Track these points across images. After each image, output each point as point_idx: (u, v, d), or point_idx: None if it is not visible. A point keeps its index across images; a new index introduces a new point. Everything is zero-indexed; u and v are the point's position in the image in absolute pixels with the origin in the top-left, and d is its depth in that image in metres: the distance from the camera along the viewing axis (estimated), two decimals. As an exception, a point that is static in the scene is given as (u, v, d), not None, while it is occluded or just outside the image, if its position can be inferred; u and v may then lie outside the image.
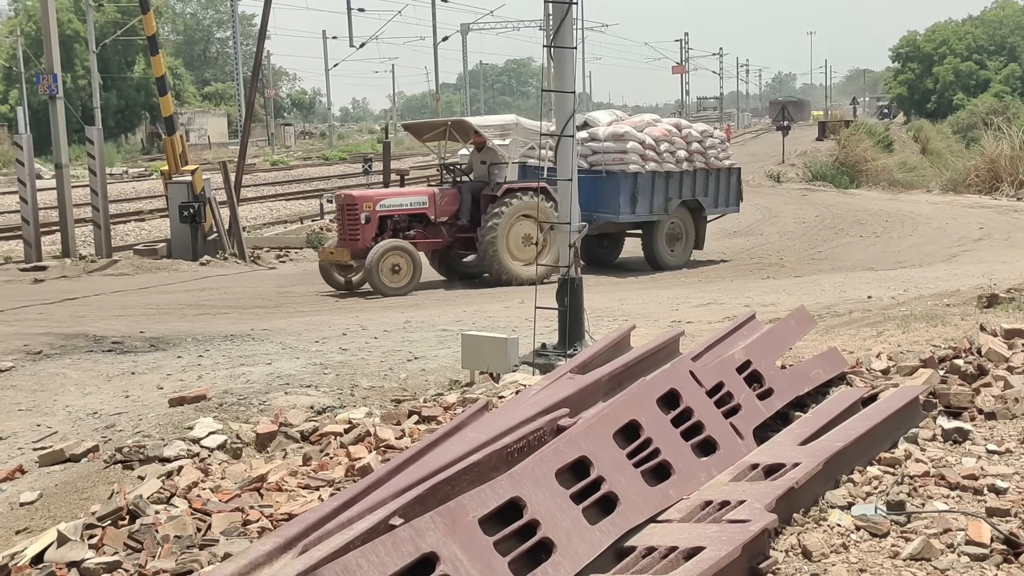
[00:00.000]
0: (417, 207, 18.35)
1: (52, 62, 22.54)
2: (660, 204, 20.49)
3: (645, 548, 4.27)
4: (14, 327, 13.73)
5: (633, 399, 5.27)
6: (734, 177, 22.21)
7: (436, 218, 18.41)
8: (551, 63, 9.96)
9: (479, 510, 4.01)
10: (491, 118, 21.41)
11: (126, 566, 5.21)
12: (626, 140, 20.30)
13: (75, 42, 66.87)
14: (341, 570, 3.51)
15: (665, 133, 20.87)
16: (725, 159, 21.90)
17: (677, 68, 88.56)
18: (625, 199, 20.12)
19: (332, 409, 8.25)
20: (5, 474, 7.62)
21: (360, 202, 18.11)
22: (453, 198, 18.65)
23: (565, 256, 9.81)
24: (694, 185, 21.13)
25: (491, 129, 19.06)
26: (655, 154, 20.40)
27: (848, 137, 50.86)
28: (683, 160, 20.86)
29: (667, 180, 20.58)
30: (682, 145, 21.00)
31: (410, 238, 18.06)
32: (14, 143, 26.55)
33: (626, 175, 20.00)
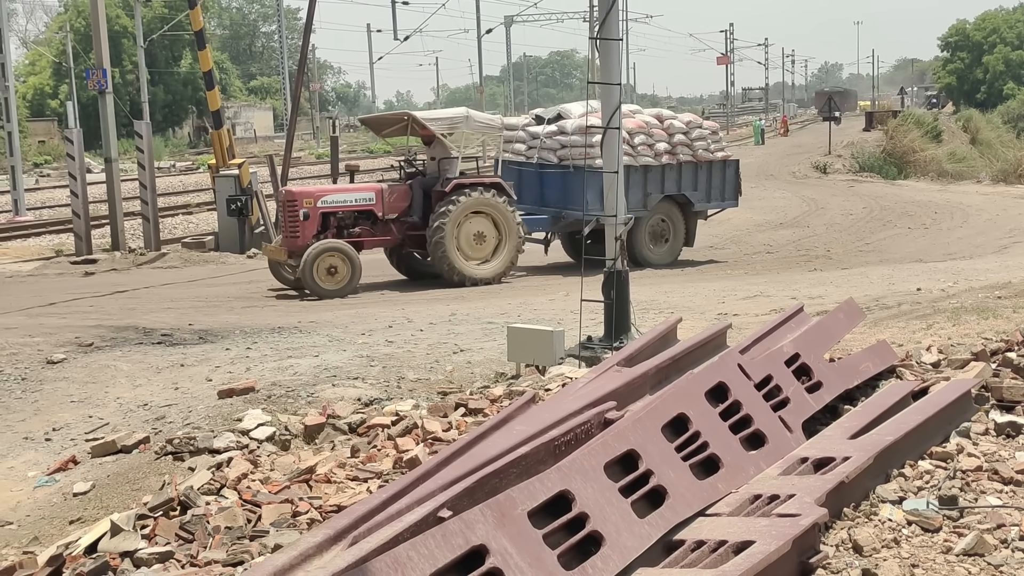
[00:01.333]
0: (363, 204, 17.54)
1: (101, 57, 22.79)
2: (637, 200, 19.20)
3: (694, 542, 4.26)
4: (66, 320, 13.92)
5: (681, 392, 5.25)
6: (731, 170, 21.07)
7: (384, 215, 17.59)
8: (597, 55, 9.93)
9: (528, 503, 4.01)
10: (440, 112, 20.49)
11: (178, 556, 5.27)
12: (592, 133, 18.85)
13: (123, 37, 67.55)
14: (392, 562, 3.52)
15: (641, 125, 19.80)
16: (718, 151, 20.78)
17: (722, 59, 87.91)
18: (593, 195, 18.75)
19: (379, 401, 8.29)
20: (58, 465, 7.74)
21: (300, 198, 17.36)
22: (403, 194, 17.81)
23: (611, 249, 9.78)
24: (679, 179, 20.09)
25: (438, 123, 18.16)
26: (628, 147, 19.23)
27: (896, 127, 50.30)
28: (663, 153, 19.78)
29: (645, 175, 19.58)
30: (662, 137, 19.91)
31: (355, 236, 17.35)
32: (64, 138, 26.91)
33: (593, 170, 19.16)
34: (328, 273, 16.56)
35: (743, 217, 27.66)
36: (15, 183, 29.44)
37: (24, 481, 7.68)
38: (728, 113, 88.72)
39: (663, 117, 20.49)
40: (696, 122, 20.91)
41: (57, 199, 35.17)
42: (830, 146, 49.95)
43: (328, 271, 16.56)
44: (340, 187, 19.02)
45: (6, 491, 7.52)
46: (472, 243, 17.58)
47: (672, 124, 20.22)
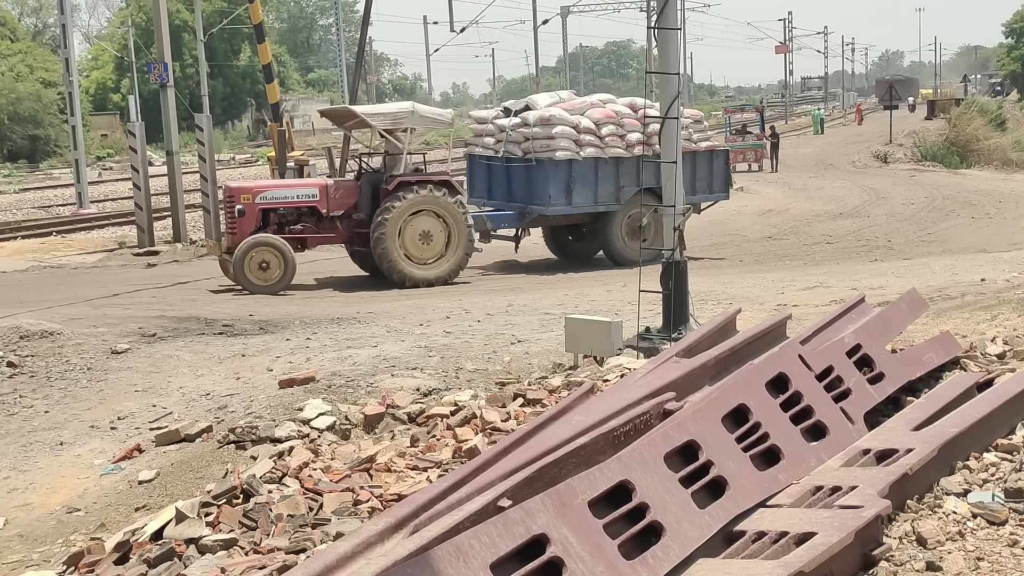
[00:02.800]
0: (306, 200, 17.05)
1: (163, 52, 23.07)
2: (608, 194, 18.65)
3: (755, 533, 4.24)
4: (129, 310, 14.13)
5: (741, 383, 5.22)
6: (719, 161, 20.08)
7: (329, 212, 17.06)
8: (655, 45, 9.89)
9: (588, 493, 4.02)
10: (384, 106, 19.84)
11: (241, 543, 5.34)
12: (553, 124, 18.38)
13: (183, 32, 68.31)
14: (454, 550, 3.55)
15: (610, 115, 18.88)
16: (702, 141, 19.91)
17: (780, 48, 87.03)
18: (557, 189, 18.32)
19: (438, 391, 8.34)
20: (124, 453, 7.88)
21: (237, 194, 16.98)
22: (350, 191, 17.29)
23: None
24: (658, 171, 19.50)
25: (381, 117, 17.48)
26: (595, 138, 18.52)
27: (959, 116, 49.60)
28: (637, 144, 18.81)
29: (616, 167, 18.68)
30: (635, 127, 18.96)
31: (297, 232, 16.96)
32: (127, 131, 27.29)
33: (555, 163, 18.24)
34: (260, 268, 16.21)
35: (802, 207, 27.45)
36: (79, 176, 29.93)
37: (91, 469, 7.83)
38: (787, 103, 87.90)
39: (637, 107, 19.37)
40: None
41: (120, 192, 35.71)
42: (891, 135, 49.31)
43: (260, 266, 16.19)
44: (282, 183, 18.61)
45: (74, 478, 7.67)
46: (418, 243, 16.84)
47: (648, 114, 18.62)
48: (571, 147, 18.33)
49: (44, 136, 62.18)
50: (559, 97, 20.09)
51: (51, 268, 20.46)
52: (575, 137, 18.36)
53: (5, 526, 6.98)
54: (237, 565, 5.01)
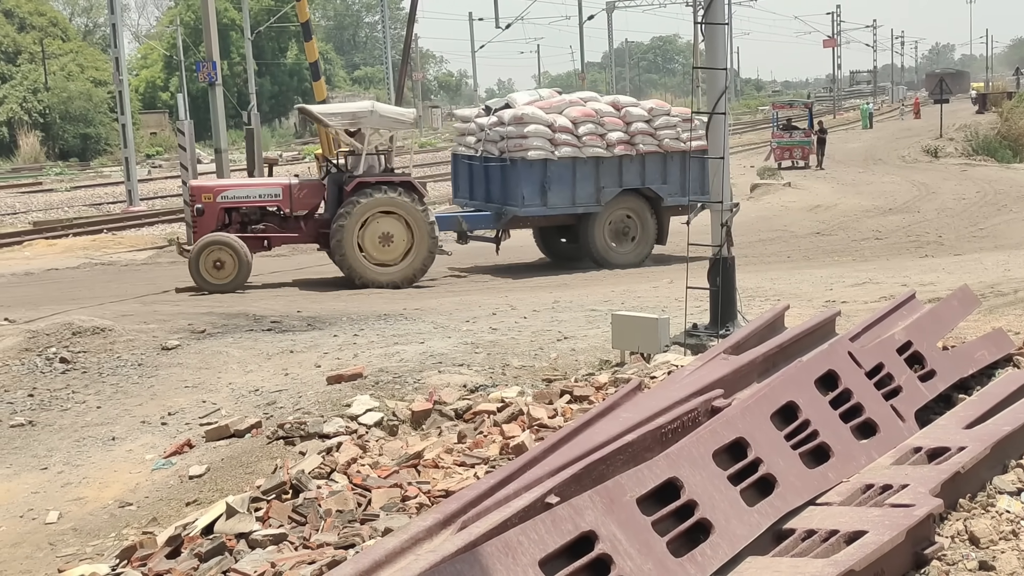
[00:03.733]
0: (268, 199, 16.80)
1: (211, 51, 23.28)
2: (588, 195, 18.04)
3: (804, 531, 4.22)
4: (179, 307, 14.28)
5: (790, 380, 5.19)
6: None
7: (293, 211, 16.79)
8: (702, 39, 9.84)
9: (637, 490, 4.01)
10: (343, 105, 19.46)
11: (291, 538, 5.39)
12: (526, 123, 17.78)
13: (231, 30, 68.87)
14: (503, 546, 3.56)
15: (588, 114, 18.23)
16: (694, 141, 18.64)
17: (828, 42, 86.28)
18: (531, 190, 17.75)
19: (485, 388, 8.36)
20: (174, 448, 7.98)
21: (198, 193, 16.92)
22: (315, 190, 16.98)
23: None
24: (643, 172, 18.43)
25: (339, 117, 17.24)
26: (572, 137, 17.91)
27: (1011, 109, 48.93)
28: (618, 144, 18.17)
29: (596, 167, 18.07)
30: (617, 126, 18.30)
31: (259, 232, 16.77)
32: (176, 129, 27.57)
33: (528, 163, 17.65)
34: (215, 267, 16.02)
35: (851, 203, 27.20)
36: (129, 174, 30.28)
37: (142, 464, 7.93)
38: (835, 97, 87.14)
39: (620, 105, 18.86)
40: (661, 109, 19.10)
41: (169, 189, 36.09)
42: (941, 129, 48.72)
43: (215, 265, 16.00)
44: (244, 182, 18.38)
45: (125, 473, 7.78)
46: (378, 244, 16.53)
47: (630, 112, 18.58)
48: (545, 146, 17.75)
49: (95, 135, 63.02)
50: (539, 95, 19.48)
51: (102, 265, 20.73)
52: (549, 136, 17.79)
53: (59, 520, 7.10)
54: (287, 560, 5.06)
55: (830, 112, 76.99)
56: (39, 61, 64.49)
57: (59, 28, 71.60)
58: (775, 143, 37.79)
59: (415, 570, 3.61)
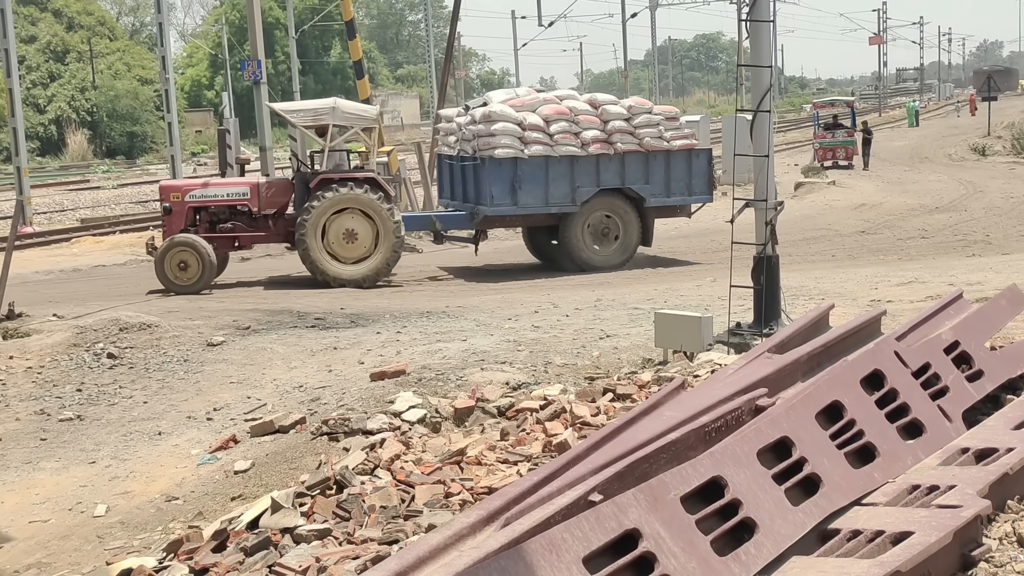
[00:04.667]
0: (236, 198, 16.74)
1: (257, 49, 23.46)
2: (563, 194, 17.49)
3: (850, 531, 4.19)
4: (224, 303, 14.41)
5: (835, 379, 5.15)
6: (699, 161, 18.39)
7: (260, 210, 16.74)
8: (746, 37, 9.80)
9: (680, 488, 4.00)
10: (305, 103, 19.29)
11: (335, 534, 5.43)
12: (493, 121, 17.32)
13: (275, 29, 69.31)
14: (547, 543, 3.56)
15: (562, 111, 17.63)
16: (676, 140, 18.19)
17: (874, 39, 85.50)
18: (501, 189, 17.23)
19: (527, 385, 8.37)
20: (220, 443, 8.05)
21: (166, 192, 16.91)
22: (282, 189, 16.97)
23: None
24: (622, 171, 17.82)
25: (301, 114, 17.32)
26: (543, 136, 17.35)
27: (1060, 107, 48.14)
28: (594, 142, 17.58)
29: (571, 166, 17.49)
30: (593, 125, 17.68)
31: (228, 231, 16.70)
32: (219, 131, 27.77)
33: (497, 161, 17.20)
34: (179, 268, 15.93)
35: (896, 201, 26.94)
36: (175, 172, 30.49)
37: (188, 458, 8.01)
38: (880, 95, 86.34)
39: (597, 102, 18.15)
40: (641, 107, 18.32)
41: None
42: (989, 127, 48.13)
43: (179, 266, 15.91)
44: (213, 181, 18.35)
45: (172, 468, 7.86)
46: (342, 241, 16.43)
47: (607, 110, 17.87)
48: (514, 144, 17.24)
49: (141, 132, 63.69)
50: (515, 93, 18.97)
51: (148, 262, 20.88)
52: (519, 134, 17.28)
53: (107, 513, 7.19)
54: (331, 555, 5.09)
55: (875, 110, 76.30)
56: (87, 60, 65.25)
57: (106, 27, 72.40)
58: (817, 143, 37.08)
59: (459, 566, 3.62)
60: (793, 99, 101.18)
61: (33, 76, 61.49)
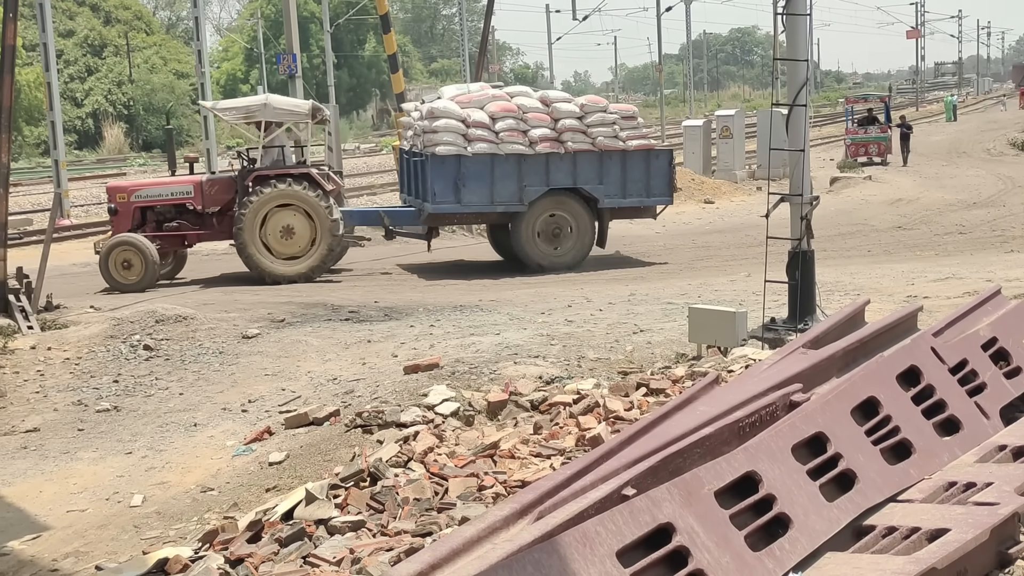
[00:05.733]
0: (181, 197, 16.73)
1: (292, 43, 23.55)
2: (510, 193, 17.01)
3: (885, 528, 4.16)
4: (259, 296, 14.50)
5: (871, 375, 5.12)
6: (659, 162, 17.76)
7: (204, 208, 16.74)
8: (782, 30, 9.74)
9: (714, 483, 3.99)
10: (237, 100, 19.29)
11: (369, 525, 5.45)
12: (436, 118, 16.97)
13: (310, 23, 69.56)
14: (580, 536, 3.57)
15: (509, 109, 17.15)
16: (632, 140, 17.55)
17: (912, 32, 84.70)
18: (443, 186, 16.85)
19: (560, 379, 8.37)
20: (255, 435, 8.11)
21: (112, 193, 16.95)
22: (225, 187, 16.83)
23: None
24: (574, 171, 17.27)
25: (233, 111, 17.42)
26: (488, 133, 16.93)
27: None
28: (542, 141, 17.05)
29: (519, 165, 16.99)
30: (542, 123, 17.16)
31: (174, 230, 16.72)
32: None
33: (439, 158, 16.83)
34: (123, 267, 15.96)
35: (934, 196, 26.71)
36: (210, 165, 30.72)
37: (223, 450, 8.08)
38: (918, 89, 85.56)
39: (549, 100, 17.60)
40: (595, 106, 17.70)
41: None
42: (1028, 122, 47.59)
43: (123, 265, 15.94)
44: (158, 180, 18.33)
45: (207, 459, 7.93)
46: (280, 238, 16.42)
47: (558, 108, 17.31)
48: (457, 141, 16.85)
49: (177, 126, 64.09)
50: (468, 89, 18.65)
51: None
52: (463, 131, 16.89)
53: (143, 503, 7.26)
54: (365, 546, 5.12)
55: (912, 105, 75.63)
56: (124, 54, 65.78)
57: (143, 22, 72.96)
58: (849, 139, 35.95)
59: (492, 559, 3.63)
60: (829, 93, 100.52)
61: (71, 70, 62.08)
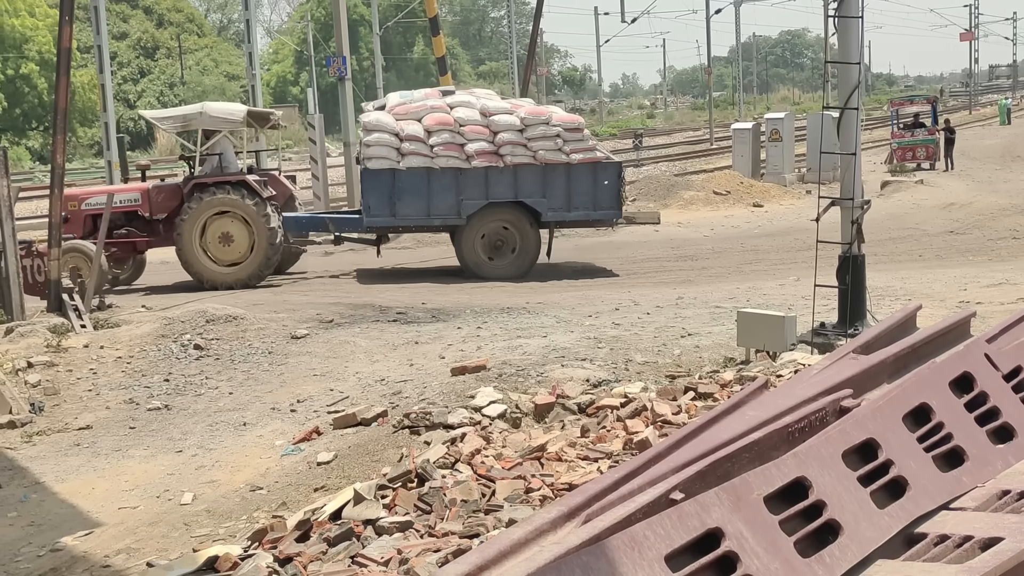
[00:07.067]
0: (129, 204, 16.84)
1: (342, 46, 23.69)
2: (447, 207, 16.81)
3: (937, 536, 4.11)
4: (307, 297, 14.60)
5: (923, 381, 5.06)
6: (606, 175, 17.18)
7: (152, 215, 16.93)
8: (832, 33, 9.67)
9: (764, 488, 3.96)
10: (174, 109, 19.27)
11: (417, 526, 5.48)
12: (370, 131, 16.88)
13: (360, 25, 70.02)
14: (629, 540, 3.55)
15: (445, 122, 16.86)
16: (577, 153, 17.03)
17: (965, 35, 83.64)
18: (377, 200, 16.74)
19: (607, 383, 8.36)
20: (303, 435, 8.17)
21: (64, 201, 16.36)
22: (172, 194, 16.94)
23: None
24: (515, 184, 16.93)
25: (171, 120, 17.63)
26: (422, 146, 16.68)
27: None
28: (480, 155, 16.75)
29: (456, 179, 16.74)
30: (480, 136, 16.85)
31: (123, 237, 16.81)
32: (306, 123, 28.12)
33: (372, 172, 16.72)
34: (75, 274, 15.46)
35: (987, 200, 26.36)
36: (259, 166, 30.96)
37: (272, 449, 8.14)
38: (971, 92, 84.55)
39: (489, 112, 17.14)
40: (537, 118, 17.10)
41: (298, 182, 36.70)
42: (1084, 125, 46.84)
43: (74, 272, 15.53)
44: (107, 188, 18.38)
45: (256, 458, 8.00)
46: (219, 245, 16.55)
47: (496, 121, 16.92)
48: (389, 155, 16.64)
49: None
50: (411, 97, 18.27)
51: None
52: (396, 145, 16.68)
53: (193, 501, 7.33)
54: (413, 547, 5.14)
55: (966, 108, 74.74)
56: (176, 56, 66.53)
57: (195, 24, 73.80)
58: (895, 143, 34.96)
59: (540, 561, 3.62)
60: (880, 96, 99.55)
61: (124, 72, 62.92)
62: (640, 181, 30.15)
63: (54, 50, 26.74)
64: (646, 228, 22.11)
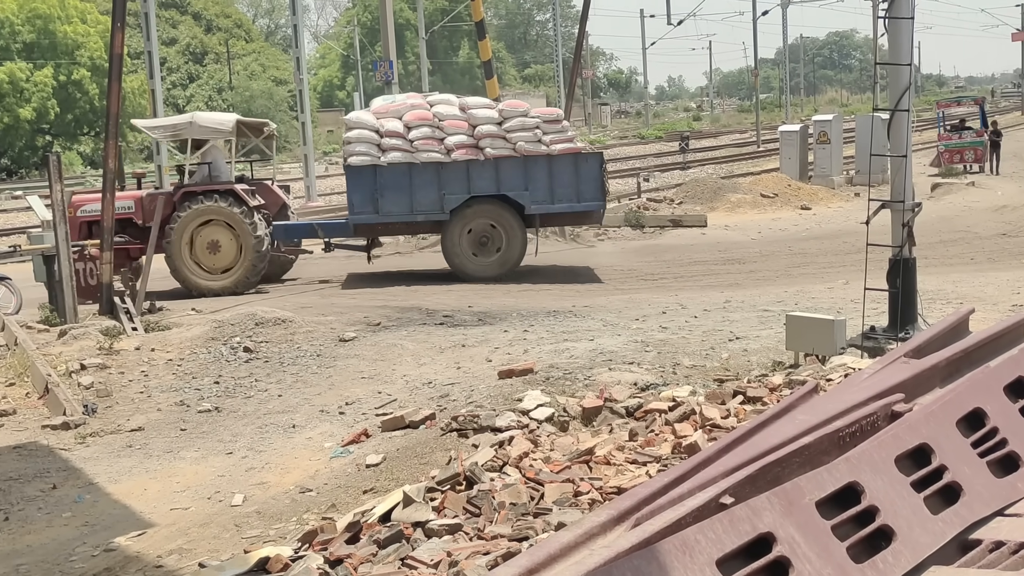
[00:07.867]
0: (122, 212, 16.61)
1: (388, 50, 23.86)
2: (430, 203, 16.88)
3: (992, 542, 4.07)
4: (355, 300, 14.69)
5: (977, 385, 5.01)
6: (588, 166, 17.21)
7: (145, 222, 16.79)
8: (882, 34, 9.59)
9: (816, 493, 3.94)
10: (165, 119, 19.56)
11: (466, 529, 5.49)
12: (350, 128, 17.19)
13: (406, 29, 70.34)
14: (680, 544, 3.54)
15: (424, 117, 17.06)
16: (558, 144, 17.12)
17: (1018, 35, 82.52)
18: (361, 197, 16.90)
19: (655, 386, 8.34)
20: (352, 437, 8.22)
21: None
22: (165, 202, 16.91)
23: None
24: (497, 177, 16.99)
25: (161, 130, 17.94)
26: (402, 142, 16.89)
27: None
28: (459, 148, 16.92)
29: (437, 173, 16.83)
30: (459, 129, 17.03)
31: (118, 244, 16.27)
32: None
33: (354, 169, 16.90)
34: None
35: (1039, 202, 26.01)
36: (307, 171, 31.24)
37: (321, 451, 8.20)
38: (1023, 93, 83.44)
39: (467, 106, 17.43)
40: (514, 110, 17.33)
41: (344, 186, 36.93)
42: None
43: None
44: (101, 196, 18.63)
45: (305, 460, 8.05)
46: (207, 253, 16.73)
47: (474, 114, 17.15)
48: (370, 151, 16.82)
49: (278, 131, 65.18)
50: (394, 99, 18.54)
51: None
52: (376, 141, 16.84)
53: (244, 502, 7.39)
54: (462, 550, 5.15)
55: (1018, 109, 73.78)
56: (224, 61, 67.21)
57: (243, 29, 74.51)
58: (942, 146, 34.08)
59: (590, 564, 3.62)
60: (930, 98, 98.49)
61: (173, 77, 63.64)
62: (687, 184, 30.06)
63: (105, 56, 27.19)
64: (693, 231, 22.07)
